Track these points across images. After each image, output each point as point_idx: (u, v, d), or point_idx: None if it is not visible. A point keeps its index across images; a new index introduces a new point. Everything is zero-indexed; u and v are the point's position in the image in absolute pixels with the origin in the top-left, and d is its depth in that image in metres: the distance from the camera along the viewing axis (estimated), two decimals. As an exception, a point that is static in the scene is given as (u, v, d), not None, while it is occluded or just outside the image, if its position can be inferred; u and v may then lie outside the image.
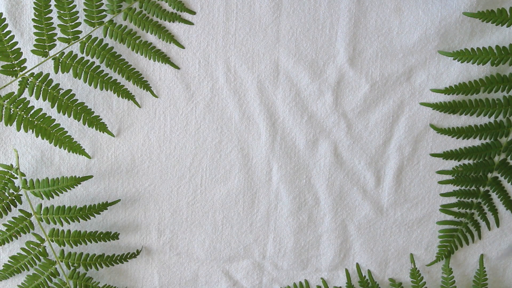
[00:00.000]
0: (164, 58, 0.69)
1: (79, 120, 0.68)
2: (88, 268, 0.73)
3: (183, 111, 0.71)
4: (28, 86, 0.66)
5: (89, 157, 0.71)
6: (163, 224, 0.75)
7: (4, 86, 0.68)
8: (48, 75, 0.66)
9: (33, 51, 0.65)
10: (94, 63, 0.67)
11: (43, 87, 0.66)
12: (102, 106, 0.71)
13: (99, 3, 0.65)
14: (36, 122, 0.66)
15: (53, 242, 0.71)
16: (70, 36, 0.66)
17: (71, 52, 0.67)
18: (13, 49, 0.64)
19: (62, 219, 0.69)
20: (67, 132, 0.68)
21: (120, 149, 0.72)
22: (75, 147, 0.69)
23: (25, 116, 0.66)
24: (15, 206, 0.69)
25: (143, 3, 0.66)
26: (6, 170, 0.69)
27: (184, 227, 0.76)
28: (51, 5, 0.64)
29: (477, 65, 0.67)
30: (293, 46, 0.70)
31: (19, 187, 0.69)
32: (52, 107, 0.67)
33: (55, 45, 0.66)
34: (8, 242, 0.70)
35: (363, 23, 0.69)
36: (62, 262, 0.72)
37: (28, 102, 0.66)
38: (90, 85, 0.67)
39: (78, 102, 0.68)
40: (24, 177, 0.70)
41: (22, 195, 0.70)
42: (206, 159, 0.73)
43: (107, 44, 0.67)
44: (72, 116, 0.67)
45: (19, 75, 0.66)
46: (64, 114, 0.67)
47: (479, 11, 0.66)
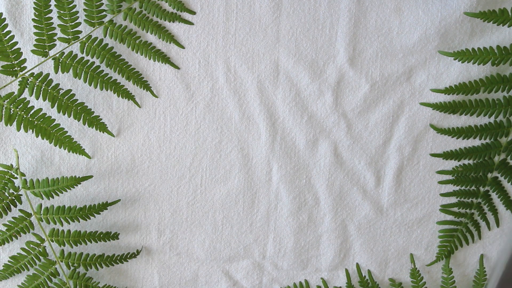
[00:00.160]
0: (164, 58, 0.69)
1: (79, 120, 0.68)
2: (88, 268, 0.73)
3: (183, 111, 0.71)
4: (28, 86, 0.66)
5: (89, 157, 0.71)
6: (163, 224, 0.75)
7: (4, 86, 0.68)
8: (48, 75, 0.66)
9: (33, 51, 0.65)
10: (94, 63, 0.67)
11: (43, 87, 0.66)
12: (102, 106, 0.71)
13: (99, 3, 0.65)
14: (36, 122, 0.66)
15: (53, 242, 0.71)
16: (70, 36, 0.66)
17: (71, 52, 0.67)
18: (13, 49, 0.64)
19: (62, 219, 0.69)
20: (67, 132, 0.68)
21: (120, 149, 0.72)
22: (75, 147, 0.69)
23: (25, 116, 0.66)
24: (15, 206, 0.69)
25: (143, 3, 0.66)
26: (6, 170, 0.69)
27: (184, 227, 0.76)
28: (51, 5, 0.64)
29: (477, 65, 0.67)
30: (293, 46, 0.70)
31: (19, 187, 0.69)
32: (52, 107, 0.67)
33: (55, 45, 0.66)
34: (8, 242, 0.70)
35: (363, 23, 0.69)
36: (62, 262, 0.72)
37: (28, 102, 0.66)
38: (90, 85, 0.67)
39: (78, 102, 0.68)
40: (24, 177, 0.69)
41: (22, 195, 0.70)
42: (206, 159, 0.73)
43: (107, 44, 0.67)
44: (72, 116, 0.67)
45: (19, 75, 0.66)
46: (64, 114, 0.67)
47: (480, 11, 0.66)
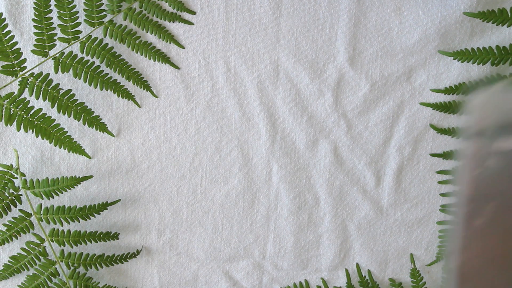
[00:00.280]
0: (164, 58, 0.69)
1: (79, 120, 0.68)
2: (88, 268, 0.73)
3: (183, 111, 0.71)
4: (28, 86, 0.66)
5: (89, 157, 0.71)
6: (163, 224, 0.75)
7: (4, 86, 0.68)
8: (48, 75, 0.66)
9: (33, 51, 0.65)
10: (94, 63, 0.67)
11: (43, 87, 0.66)
12: (102, 106, 0.71)
13: (99, 3, 0.65)
14: (36, 122, 0.66)
15: (53, 242, 0.71)
16: (70, 36, 0.66)
17: (71, 52, 0.67)
18: (13, 49, 0.65)
19: (62, 219, 0.69)
20: (67, 132, 0.68)
21: (120, 149, 0.72)
22: (75, 147, 0.69)
23: (25, 116, 0.66)
24: (15, 206, 0.69)
25: (143, 3, 0.66)
26: (6, 170, 0.69)
27: (184, 227, 0.76)
28: (51, 5, 0.64)
29: (477, 65, 0.67)
30: (293, 46, 0.70)
31: (19, 187, 0.69)
32: (52, 107, 0.67)
33: (55, 45, 0.66)
34: (8, 242, 0.70)
35: (363, 23, 0.69)
36: (62, 262, 0.72)
37: (28, 102, 0.66)
38: (90, 85, 0.67)
39: (78, 102, 0.68)
40: (24, 177, 0.69)
41: (22, 195, 0.70)
42: (206, 159, 0.73)
43: (107, 44, 0.67)
44: (72, 116, 0.67)
45: (19, 75, 0.66)
46: (64, 114, 0.67)
47: (479, 11, 0.66)
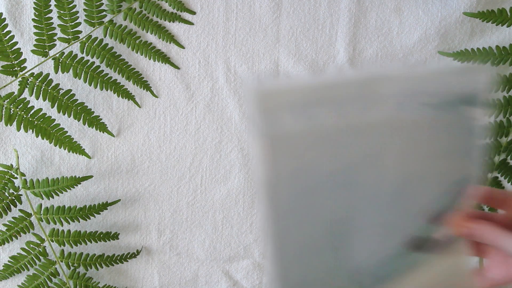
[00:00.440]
0: (164, 58, 0.69)
1: (79, 120, 0.68)
2: (88, 268, 0.73)
3: (183, 111, 0.71)
4: (28, 86, 0.66)
5: (89, 157, 0.71)
6: (163, 224, 0.75)
7: (4, 86, 0.68)
8: (48, 75, 0.66)
9: (33, 51, 0.65)
10: (94, 63, 0.67)
11: (43, 87, 0.66)
12: (102, 106, 0.71)
13: (99, 3, 0.65)
14: (36, 122, 0.66)
15: (53, 242, 0.71)
16: (70, 36, 0.66)
17: (71, 52, 0.67)
18: (13, 49, 0.65)
19: (62, 219, 0.69)
20: (67, 132, 0.68)
21: (120, 149, 0.72)
22: (75, 147, 0.69)
23: (25, 116, 0.66)
24: (15, 206, 0.69)
25: (143, 3, 0.66)
26: (6, 170, 0.69)
27: (184, 227, 0.76)
28: (51, 5, 0.64)
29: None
30: (293, 46, 0.70)
31: (19, 187, 0.69)
32: (52, 107, 0.67)
33: (55, 45, 0.66)
34: (8, 242, 0.70)
35: (363, 23, 0.69)
36: (62, 262, 0.72)
37: (28, 102, 0.66)
38: (90, 85, 0.67)
39: (78, 102, 0.68)
40: (24, 177, 0.69)
41: (22, 195, 0.70)
42: (206, 159, 0.73)
43: (107, 44, 0.67)
44: (72, 116, 0.67)
45: (19, 75, 0.66)
46: (64, 114, 0.67)
47: (479, 11, 0.66)
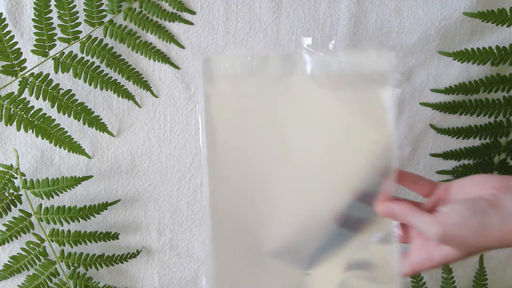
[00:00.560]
0: (164, 58, 0.69)
1: (79, 120, 0.68)
2: (88, 268, 0.73)
3: (183, 111, 0.71)
4: (28, 86, 0.66)
5: (89, 157, 0.71)
6: (163, 224, 0.75)
7: (4, 86, 0.68)
8: (48, 75, 0.66)
9: (33, 51, 0.65)
10: (94, 63, 0.67)
11: (43, 87, 0.66)
12: (102, 106, 0.71)
13: (99, 3, 0.65)
14: (36, 122, 0.66)
15: (53, 242, 0.71)
16: (70, 36, 0.66)
17: (71, 52, 0.67)
18: (13, 49, 0.65)
19: (62, 219, 0.69)
20: (67, 132, 0.68)
21: (120, 149, 0.72)
22: (75, 147, 0.69)
23: (25, 116, 0.66)
24: (15, 206, 0.69)
25: (143, 3, 0.66)
26: (6, 170, 0.69)
27: (184, 227, 0.76)
28: (51, 5, 0.64)
29: (477, 65, 0.67)
30: (293, 46, 0.70)
31: (19, 187, 0.69)
32: (52, 107, 0.67)
33: (55, 45, 0.66)
34: (8, 242, 0.70)
35: (363, 23, 0.69)
36: (62, 262, 0.72)
37: (28, 102, 0.66)
38: (90, 85, 0.67)
39: (78, 102, 0.68)
40: (24, 177, 0.69)
41: (22, 195, 0.70)
42: (206, 159, 0.73)
43: (107, 44, 0.67)
44: (72, 116, 0.67)
45: (19, 75, 0.66)
46: (64, 114, 0.67)
47: (479, 11, 0.66)
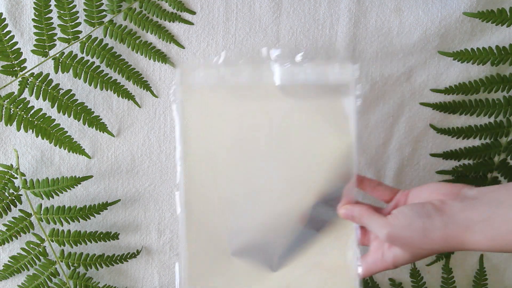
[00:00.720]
0: (164, 58, 0.69)
1: (79, 120, 0.68)
2: (88, 268, 0.73)
3: (183, 111, 0.71)
4: (28, 86, 0.66)
5: (89, 157, 0.71)
6: (163, 224, 0.75)
7: (4, 86, 0.68)
8: (48, 75, 0.66)
9: (33, 51, 0.65)
10: (94, 63, 0.67)
11: (43, 87, 0.66)
12: (102, 106, 0.71)
13: (99, 3, 0.65)
14: (36, 122, 0.66)
15: (53, 242, 0.71)
16: (70, 36, 0.66)
17: (71, 52, 0.67)
18: (13, 49, 0.65)
19: (62, 219, 0.69)
20: (67, 132, 0.68)
21: (120, 149, 0.72)
22: (75, 147, 0.69)
23: (25, 116, 0.66)
24: (15, 206, 0.69)
25: (143, 3, 0.66)
26: (6, 170, 0.69)
27: (184, 227, 0.76)
28: (51, 5, 0.64)
29: (477, 65, 0.67)
30: (293, 46, 0.70)
31: (19, 187, 0.69)
32: (52, 107, 0.67)
33: (55, 45, 0.66)
34: (8, 242, 0.70)
35: (363, 23, 0.69)
36: (62, 262, 0.72)
37: (28, 102, 0.66)
38: (90, 85, 0.67)
39: (78, 102, 0.68)
40: (24, 177, 0.69)
41: (22, 195, 0.70)
42: (206, 159, 0.73)
43: (107, 44, 0.67)
44: (72, 116, 0.67)
45: (19, 75, 0.66)
46: (64, 114, 0.67)
47: (479, 11, 0.66)
